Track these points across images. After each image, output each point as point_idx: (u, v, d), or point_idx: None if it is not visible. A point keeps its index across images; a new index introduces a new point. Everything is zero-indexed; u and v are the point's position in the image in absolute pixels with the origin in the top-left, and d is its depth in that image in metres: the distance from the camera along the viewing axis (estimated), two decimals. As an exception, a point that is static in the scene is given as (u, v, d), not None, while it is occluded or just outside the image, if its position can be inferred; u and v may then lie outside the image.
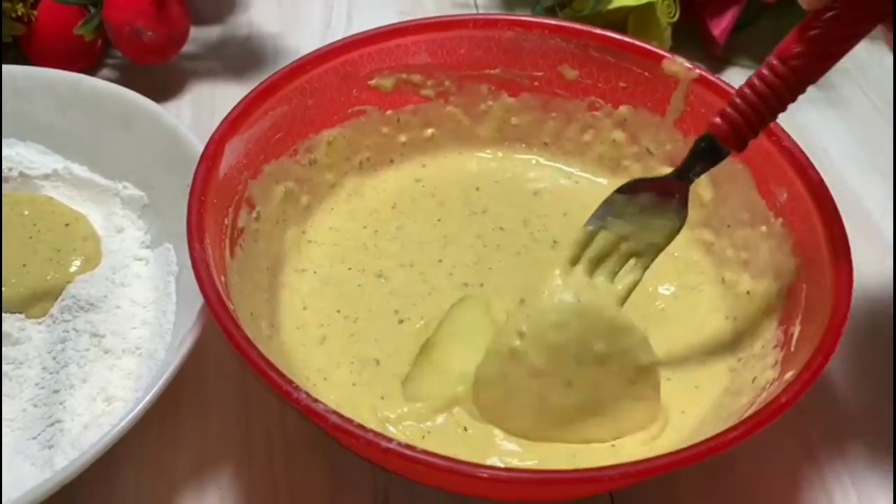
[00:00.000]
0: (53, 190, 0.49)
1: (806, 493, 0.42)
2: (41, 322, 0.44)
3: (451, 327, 0.43)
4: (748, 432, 0.32)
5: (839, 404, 0.46)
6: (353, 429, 0.31)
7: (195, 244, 0.37)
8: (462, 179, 0.51)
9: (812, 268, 0.40)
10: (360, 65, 0.48)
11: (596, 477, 0.31)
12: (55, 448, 0.39)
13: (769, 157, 0.44)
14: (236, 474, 0.41)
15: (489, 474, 0.30)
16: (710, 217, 0.48)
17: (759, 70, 0.37)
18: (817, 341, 0.35)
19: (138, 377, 0.42)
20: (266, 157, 0.45)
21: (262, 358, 0.33)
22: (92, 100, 0.50)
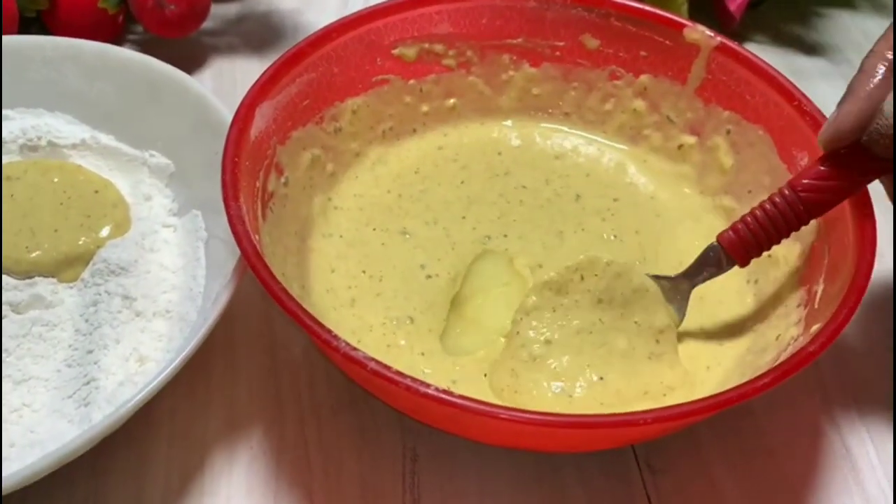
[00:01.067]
0: (81, 159, 0.50)
1: (826, 449, 0.43)
2: (73, 286, 0.44)
3: (479, 282, 0.44)
4: (777, 380, 0.33)
5: (856, 362, 0.46)
6: (393, 375, 0.32)
7: (231, 202, 0.37)
8: (484, 145, 0.51)
9: (834, 228, 0.41)
10: (383, 34, 0.49)
11: (628, 421, 0.32)
12: (91, 405, 0.39)
13: (790, 122, 0.45)
14: (267, 435, 0.42)
15: (524, 418, 0.31)
16: (731, 183, 0.48)
17: (772, 196, 0.40)
18: (842, 296, 0.36)
19: (170, 339, 0.43)
20: (294, 123, 0.45)
21: (301, 309, 0.34)
22: (119, 69, 0.50)
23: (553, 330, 0.41)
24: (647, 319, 0.41)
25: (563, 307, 0.41)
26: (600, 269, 0.41)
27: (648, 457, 0.42)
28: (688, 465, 0.42)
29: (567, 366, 0.40)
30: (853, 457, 0.42)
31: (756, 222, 0.40)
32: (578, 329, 0.41)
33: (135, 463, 0.41)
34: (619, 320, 0.41)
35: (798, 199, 0.39)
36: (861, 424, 0.44)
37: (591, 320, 0.41)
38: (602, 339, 0.41)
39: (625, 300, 0.41)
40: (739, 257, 0.41)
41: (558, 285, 0.41)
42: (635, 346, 0.41)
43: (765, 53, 0.65)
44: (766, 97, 0.46)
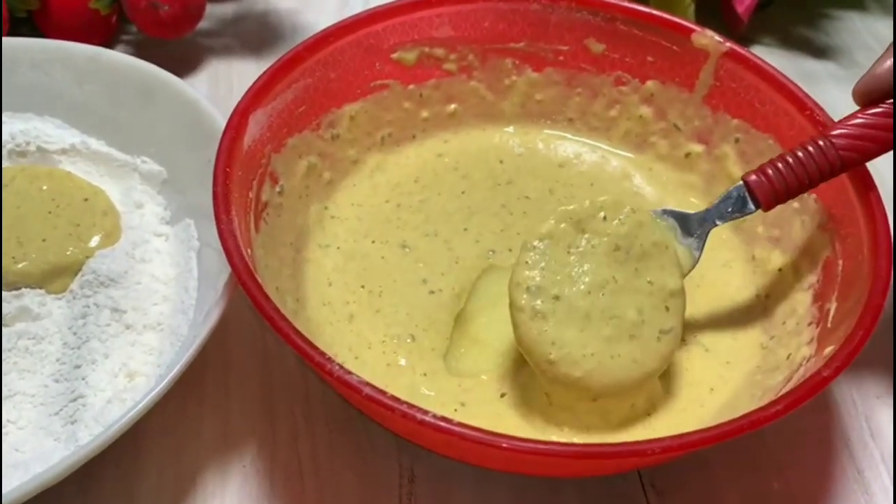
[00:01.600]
0: (71, 165, 0.49)
1: (837, 470, 0.41)
2: (61, 297, 0.43)
3: (483, 300, 0.42)
4: (790, 406, 0.31)
5: (868, 378, 0.45)
6: (388, 401, 0.31)
7: (222, 215, 0.36)
8: (485, 153, 0.50)
9: (848, 242, 0.39)
10: (382, 37, 0.47)
11: (636, 451, 0.30)
12: (78, 423, 0.38)
13: (802, 131, 0.43)
14: (260, 453, 0.41)
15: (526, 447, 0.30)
16: (740, 194, 0.47)
17: (804, 143, 0.39)
18: (857, 316, 0.35)
19: (160, 353, 0.41)
20: (289, 130, 0.44)
21: (293, 329, 0.32)
22: (111, 73, 0.49)
23: (563, 281, 0.38)
24: (661, 279, 0.39)
25: (579, 251, 0.38)
26: (624, 214, 0.39)
27: (653, 477, 0.40)
28: (694, 486, 0.40)
29: (569, 340, 0.37)
30: (866, 480, 0.41)
31: (787, 166, 0.39)
32: (589, 288, 0.38)
33: (124, 482, 0.39)
34: (633, 278, 0.38)
35: (832, 146, 0.38)
36: (874, 445, 0.42)
37: (605, 277, 0.38)
38: (612, 306, 0.38)
39: (642, 253, 0.39)
40: (765, 200, 0.39)
41: (579, 218, 0.39)
42: (645, 318, 0.38)
43: (773, 56, 0.64)
44: (777, 105, 0.44)
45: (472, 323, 0.41)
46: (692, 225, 0.40)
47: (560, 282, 0.38)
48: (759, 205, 0.40)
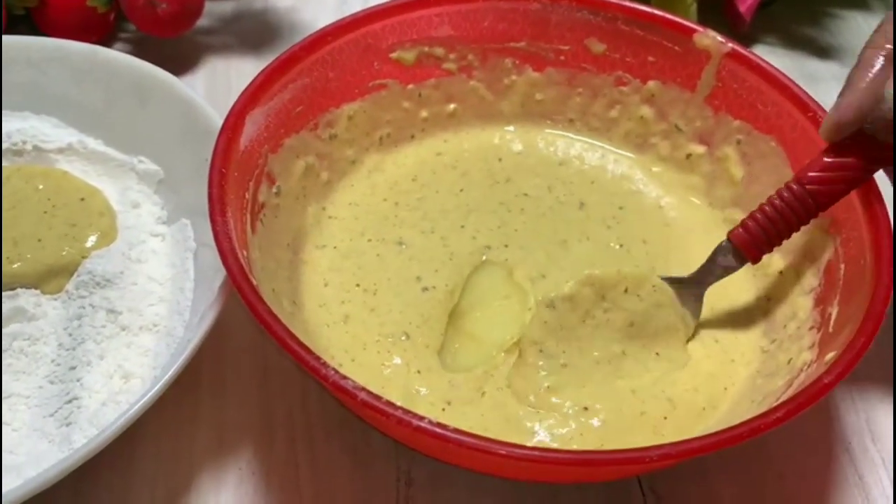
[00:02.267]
0: (68, 164, 0.48)
1: (837, 475, 0.41)
2: (57, 298, 0.43)
3: (477, 295, 0.42)
4: (792, 412, 0.31)
5: (869, 383, 0.45)
6: (383, 406, 0.30)
7: (217, 217, 0.36)
8: (484, 151, 0.50)
9: (850, 246, 0.39)
10: (381, 37, 0.47)
11: (634, 458, 0.30)
12: (73, 425, 0.38)
13: (804, 133, 0.43)
14: (256, 455, 0.40)
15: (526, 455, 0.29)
16: (741, 196, 0.46)
17: (780, 191, 0.40)
18: (859, 322, 0.34)
19: (156, 354, 0.41)
20: (286, 130, 0.44)
21: (288, 333, 0.32)
22: (107, 72, 0.48)
23: (572, 352, 0.40)
24: (668, 354, 0.41)
25: (595, 321, 0.40)
26: (646, 292, 0.41)
27: (653, 483, 0.40)
28: (694, 491, 0.40)
29: (570, 397, 0.39)
30: (866, 485, 0.41)
31: (766, 218, 0.40)
32: (598, 360, 0.40)
33: (119, 484, 0.39)
34: (641, 351, 0.41)
35: (806, 192, 0.39)
36: (875, 450, 0.42)
37: (614, 351, 0.40)
38: (616, 370, 0.40)
39: (654, 333, 0.41)
40: (751, 254, 0.41)
41: (602, 284, 0.40)
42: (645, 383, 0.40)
43: (776, 56, 0.64)
44: (779, 107, 0.44)
45: (466, 318, 0.41)
46: (689, 287, 0.42)
47: (569, 352, 0.40)
48: (745, 259, 0.41)
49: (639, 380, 0.40)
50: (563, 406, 0.38)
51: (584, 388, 0.39)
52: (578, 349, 0.40)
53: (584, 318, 0.40)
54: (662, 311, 0.41)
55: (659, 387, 0.39)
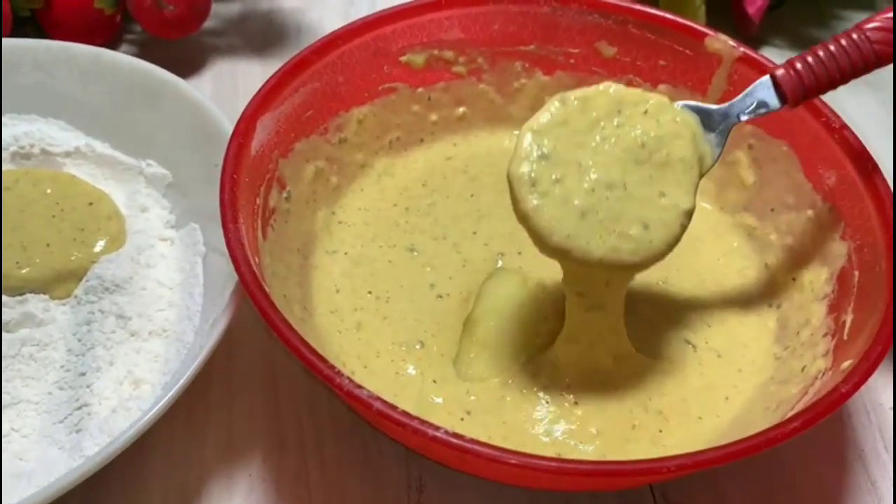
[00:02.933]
0: (75, 168, 0.48)
1: (850, 482, 0.41)
2: (65, 303, 0.43)
3: (491, 303, 0.42)
4: (809, 423, 0.31)
5: (882, 389, 0.45)
6: (399, 416, 0.30)
7: (229, 224, 0.35)
8: (495, 155, 0.49)
9: (865, 253, 0.39)
10: (391, 40, 0.46)
11: (650, 469, 0.30)
12: (83, 432, 0.38)
13: (816, 138, 0.43)
14: (266, 461, 0.40)
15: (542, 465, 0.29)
16: (753, 201, 0.46)
17: (837, 37, 0.37)
18: (875, 329, 0.34)
19: (166, 360, 0.41)
20: (297, 134, 0.43)
21: (301, 341, 0.32)
22: (115, 74, 0.48)
23: (570, 165, 0.36)
24: (676, 195, 0.37)
25: (604, 131, 0.37)
26: (667, 120, 0.37)
27: (665, 490, 0.40)
28: (706, 497, 0.40)
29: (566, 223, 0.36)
30: (880, 492, 0.41)
31: (817, 60, 0.37)
32: (594, 185, 0.36)
33: (129, 490, 0.39)
34: (645, 186, 0.36)
35: (867, 39, 0.37)
36: (888, 456, 0.42)
37: (615, 178, 0.36)
38: (617, 213, 0.36)
39: (665, 162, 0.37)
40: (792, 95, 0.38)
41: (622, 97, 0.37)
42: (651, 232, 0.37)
43: (784, 58, 0.62)
44: (791, 111, 0.44)
45: (480, 327, 0.41)
46: (714, 120, 0.38)
47: (566, 161, 0.36)
48: (786, 100, 0.38)
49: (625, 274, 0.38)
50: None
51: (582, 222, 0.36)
52: (577, 163, 0.36)
53: (593, 127, 0.37)
54: (679, 143, 0.37)
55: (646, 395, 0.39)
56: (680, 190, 0.37)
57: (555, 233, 0.36)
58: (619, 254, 0.36)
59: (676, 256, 0.45)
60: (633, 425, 0.38)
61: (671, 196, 0.36)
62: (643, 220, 0.36)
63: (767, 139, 0.45)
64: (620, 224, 0.36)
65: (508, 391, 0.39)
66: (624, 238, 0.36)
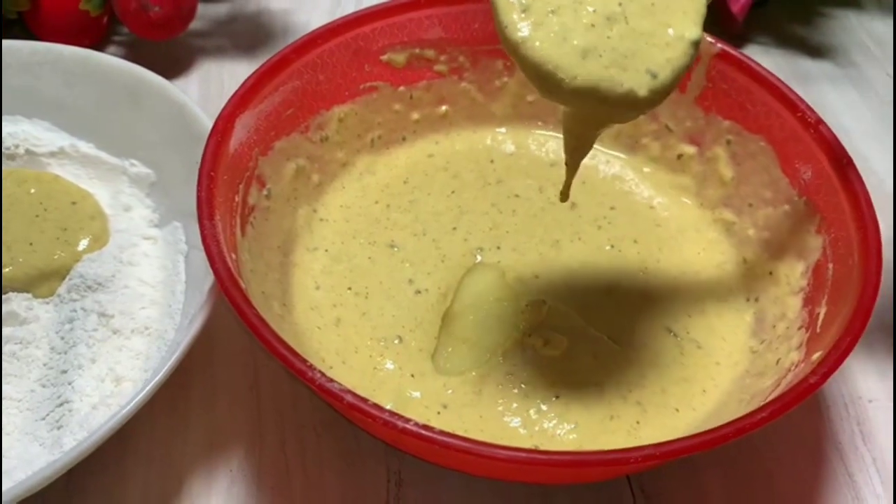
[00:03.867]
0: (60, 168, 0.48)
1: (827, 475, 0.41)
2: (48, 301, 0.43)
3: (469, 297, 0.42)
4: (777, 413, 0.31)
5: (861, 381, 0.45)
6: (369, 408, 0.30)
7: (205, 220, 0.36)
8: (476, 153, 0.50)
9: (838, 246, 0.39)
10: (371, 39, 0.47)
11: (618, 459, 0.30)
12: (64, 429, 0.38)
13: (793, 133, 0.43)
14: (247, 457, 0.41)
15: (510, 456, 0.29)
16: (731, 196, 0.47)
17: None
18: (845, 322, 0.34)
19: (147, 358, 0.41)
20: (277, 133, 0.44)
21: (274, 336, 0.32)
22: (99, 75, 0.48)
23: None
24: (681, 26, 0.33)
25: None
26: None
27: (643, 482, 0.40)
28: (684, 490, 0.40)
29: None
30: (856, 484, 0.41)
31: None
32: (593, 20, 0.32)
33: (110, 485, 0.39)
34: (647, 16, 0.33)
35: None
36: (865, 449, 0.42)
37: (614, 8, 0.33)
38: (618, 50, 0.32)
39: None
40: None
41: None
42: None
43: (768, 56, 0.64)
44: (768, 107, 0.44)
45: (459, 321, 0.41)
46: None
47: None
48: None
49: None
50: None
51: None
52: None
53: None
54: None
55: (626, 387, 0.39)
56: (686, 19, 0.33)
57: (560, 69, 0.32)
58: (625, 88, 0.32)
59: (657, 251, 0.46)
60: (611, 416, 0.39)
61: (677, 27, 0.33)
62: (648, 65, 0.32)
63: (745, 135, 0.45)
64: (626, 71, 0.32)
65: (486, 385, 0.39)
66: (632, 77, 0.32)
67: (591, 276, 0.45)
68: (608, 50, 0.32)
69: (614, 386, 0.40)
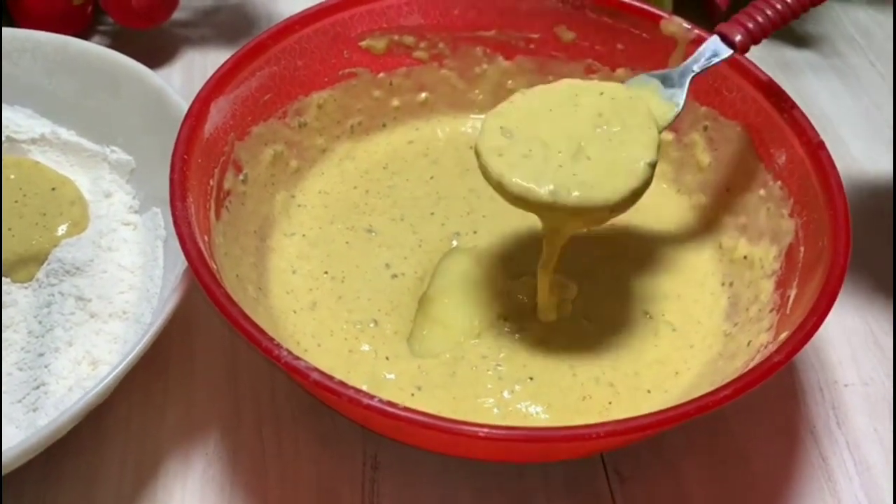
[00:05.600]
0: (41, 154, 0.49)
1: (801, 457, 0.41)
2: (27, 286, 0.43)
3: (445, 281, 0.42)
4: (740, 391, 0.31)
5: (836, 365, 0.45)
6: (335, 385, 0.30)
7: (177, 202, 0.36)
8: (456, 139, 0.50)
9: (810, 229, 0.39)
10: (350, 25, 0.47)
11: (584, 435, 0.30)
12: (39, 411, 0.38)
13: (768, 119, 0.43)
14: (223, 440, 0.41)
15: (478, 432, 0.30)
16: (707, 182, 0.47)
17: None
18: (812, 302, 0.35)
19: (125, 341, 0.41)
20: (254, 118, 0.44)
21: (242, 315, 0.32)
22: (79, 62, 0.49)
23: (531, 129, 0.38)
24: (638, 153, 0.38)
25: (562, 112, 0.39)
26: (624, 94, 0.39)
27: (616, 464, 0.40)
28: (657, 471, 0.40)
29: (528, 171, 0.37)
30: (829, 467, 0.41)
31: (757, 10, 0.40)
32: (560, 147, 0.37)
33: (86, 469, 0.40)
34: (607, 151, 0.38)
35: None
36: (840, 433, 0.42)
37: (579, 146, 0.38)
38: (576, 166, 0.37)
39: (623, 127, 0.38)
40: (741, 45, 0.41)
41: (580, 90, 0.39)
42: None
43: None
44: (744, 92, 0.44)
45: (434, 304, 0.42)
46: (673, 78, 0.41)
47: (532, 139, 0.37)
48: (736, 49, 0.41)
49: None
50: None
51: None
52: (541, 140, 0.38)
53: (552, 109, 0.39)
54: (635, 109, 0.39)
55: (600, 368, 0.40)
56: (641, 147, 0.38)
57: (531, 191, 0.36)
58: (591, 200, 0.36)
59: (636, 237, 0.46)
60: (583, 397, 0.39)
61: (633, 153, 0.37)
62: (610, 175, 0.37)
63: (721, 120, 0.46)
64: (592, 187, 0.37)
65: (460, 366, 0.40)
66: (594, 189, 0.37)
67: (568, 260, 0.45)
68: (575, 184, 0.36)
69: (588, 367, 0.40)
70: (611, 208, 0.36)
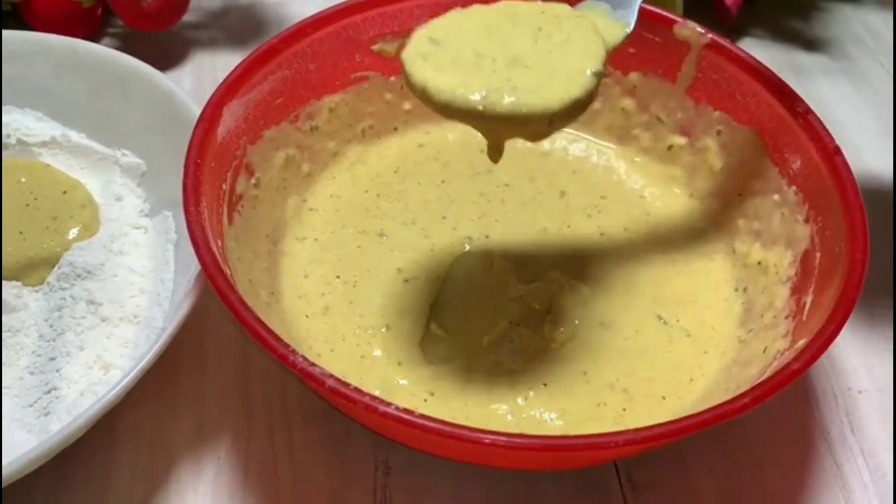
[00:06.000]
0: (51, 157, 0.48)
1: (815, 465, 0.41)
2: (38, 290, 0.43)
3: (457, 286, 0.42)
4: (759, 399, 0.31)
5: (850, 372, 0.45)
6: (351, 392, 0.30)
7: (191, 207, 0.36)
8: (466, 143, 0.50)
9: (826, 235, 0.39)
10: (362, 29, 0.47)
11: (601, 444, 0.30)
12: (51, 415, 0.38)
13: (782, 123, 0.43)
14: (235, 446, 0.41)
15: (491, 440, 0.29)
16: (720, 186, 0.46)
17: None
18: (830, 309, 0.34)
19: (136, 346, 0.41)
20: (266, 122, 0.44)
21: (257, 320, 0.32)
22: (90, 65, 0.49)
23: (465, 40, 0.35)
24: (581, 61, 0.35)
25: (500, 29, 0.36)
26: (567, 12, 0.37)
27: (630, 472, 0.40)
28: (671, 479, 0.40)
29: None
30: (844, 474, 0.41)
31: None
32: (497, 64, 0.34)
33: (98, 474, 0.39)
34: (546, 58, 0.35)
35: None
36: (854, 440, 0.42)
37: (514, 54, 0.35)
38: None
39: (565, 39, 0.35)
40: None
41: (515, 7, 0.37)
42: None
43: (763, 49, 0.64)
44: (758, 97, 0.44)
45: (447, 309, 0.41)
46: (622, 2, 0.39)
47: (463, 47, 0.35)
48: None
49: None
50: None
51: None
52: (473, 51, 0.35)
53: (489, 26, 0.36)
54: (579, 23, 0.36)
55: (614, 374, 0.39)
56: (585, 56, 0.35)
57: (459, 96, 0.34)
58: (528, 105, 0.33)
59: (647, 240, 0.46)
60: (598, 404, 0.39)
61: (577, 63, 0.35)
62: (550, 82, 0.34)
63: (735, 125, 0.45)
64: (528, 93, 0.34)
65: (473, 372, 0.39)
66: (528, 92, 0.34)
67: (581, 264, 0.45)
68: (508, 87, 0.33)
69: (601, 373, 0.40)
70: (550, 118, 0.33)
